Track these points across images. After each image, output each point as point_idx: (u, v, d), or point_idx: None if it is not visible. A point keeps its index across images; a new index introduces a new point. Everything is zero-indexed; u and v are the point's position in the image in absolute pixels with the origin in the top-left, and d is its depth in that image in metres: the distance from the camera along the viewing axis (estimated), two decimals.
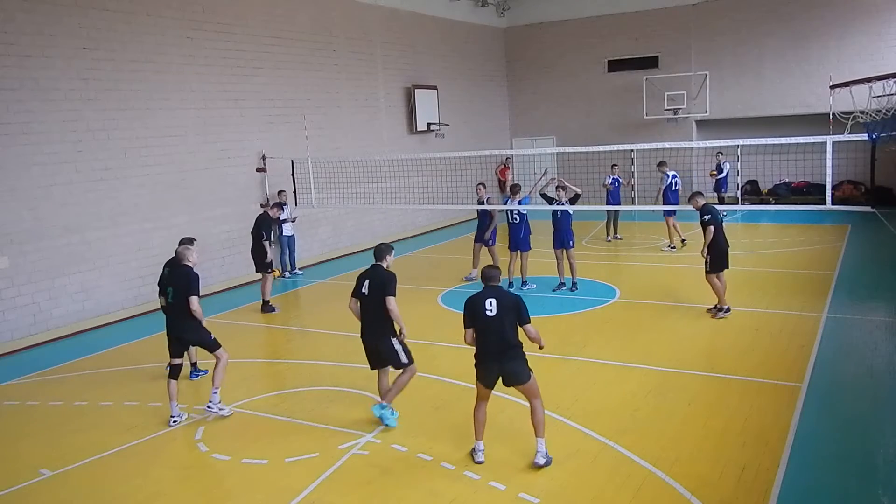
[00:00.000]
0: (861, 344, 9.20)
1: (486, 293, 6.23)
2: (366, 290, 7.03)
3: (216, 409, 7.75)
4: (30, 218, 11.09)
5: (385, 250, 7.22)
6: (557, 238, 12.23)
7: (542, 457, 6.20)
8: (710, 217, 10.26)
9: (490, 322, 6.12)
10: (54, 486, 6.51)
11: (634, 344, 9.50)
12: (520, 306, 6.15)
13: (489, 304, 6.13)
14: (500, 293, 6.22)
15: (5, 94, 10.73)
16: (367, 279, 7.06)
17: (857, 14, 19.89)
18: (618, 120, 22.88)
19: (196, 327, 7.71)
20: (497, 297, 6.17)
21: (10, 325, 10.91)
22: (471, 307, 6.24)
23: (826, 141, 10.23)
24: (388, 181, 16.63)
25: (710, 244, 10.24)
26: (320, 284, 14.51)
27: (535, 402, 6.23)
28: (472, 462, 6.35)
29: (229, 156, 14.44)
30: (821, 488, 5.77)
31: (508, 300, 6.17)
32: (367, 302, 7.03)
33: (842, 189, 19.80)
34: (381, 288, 6.93)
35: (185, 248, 7.78)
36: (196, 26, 13.61)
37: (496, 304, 6.11)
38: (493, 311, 6.10)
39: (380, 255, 7.18)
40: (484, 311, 6.13)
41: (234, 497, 6.11)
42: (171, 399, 7.68)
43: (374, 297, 6.97)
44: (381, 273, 7.05)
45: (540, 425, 6.22)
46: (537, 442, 6.23)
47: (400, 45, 19.44)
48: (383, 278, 6.98)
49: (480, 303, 6.18)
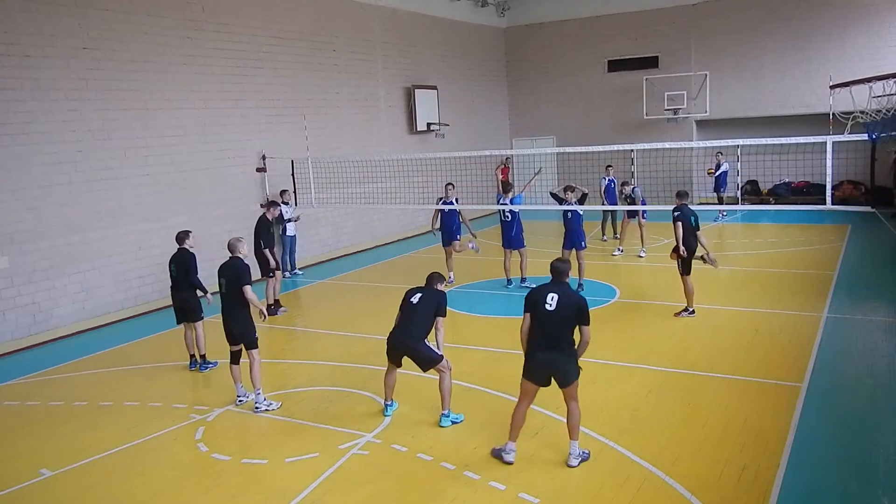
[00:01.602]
0: (861, 344, 9.20)
1: (550, 287, 6.25)
2: (416, 300, 7.28)
3: (264, 407, 7.80)
4: (30, 218, 11.09)
5: (438, 278, 7.55)
6: (568, 239, 12.25)
7: (574, 458, 6.21)
8: (680, 214, 10.41)
9: (548, 316, 6.11)
10: (54, 486, 6.51)
11: (634, 344, 9.50)
12: (582, 307, 6.15)
13: (550, 297, 6.14)
14: (564, 290, 6.22)
15: (5, 94, 10.73)
16: (419, 293, 7.37)
17: (857, 14, 19.89)
18: (618, 120, 22.88)
19: (243, 320, 7.90)
20: (560, 293, 6.17)
21: (10, 325, 10.91)
22: (532, 297, 6.28)
23: (826, 141, 10.23)
24: (388, 181, 16.64)
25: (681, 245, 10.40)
26: (320, 284, 14.52)
27: (573, 406, 6.21)
28: (501, 462, 6.32)
29: (229, 156, 14.44)
30: (821, 488, 5.77)
31: (571, 299, 6.19)
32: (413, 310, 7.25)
33: (842, 189, 19.80)
34: (434, 305, 7.24)
35: (237, 239, 8.09)
36: (196, 26, 13.61)
37: (557, 300, 6.12)
38: (552, 307, 6.11)
39: (433, 281, 7.51)
40: (544, 305, 6.14)
41: (234, 497, 6.10)
42: (235, 381, 8.06)
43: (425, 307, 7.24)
44: (437, 293, 7.39)
45: (575, 429, 6.23)
46: (571, 444, 6.24)
47: (400, 45, 19.45)
48: (439, 298, 7.34)
49: (542, 295, 6.20)
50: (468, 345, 9.60)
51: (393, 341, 7.27)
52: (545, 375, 6.22)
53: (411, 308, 7.26)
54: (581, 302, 6.19)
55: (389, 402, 7.55)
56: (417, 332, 7.14)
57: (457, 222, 13.13)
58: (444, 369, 7.16)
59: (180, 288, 9.38)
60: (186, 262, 9.30)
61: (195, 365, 9.42)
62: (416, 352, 7.14)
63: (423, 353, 7.14)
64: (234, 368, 8.10)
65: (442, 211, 13.19)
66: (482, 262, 15.07)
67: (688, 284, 10.55)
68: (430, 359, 7.14)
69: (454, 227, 13.13)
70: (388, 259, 16.77)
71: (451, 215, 13.10)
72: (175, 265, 9.38)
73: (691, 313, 10.54)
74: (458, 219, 13.11)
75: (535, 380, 6.25)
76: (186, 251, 9.38)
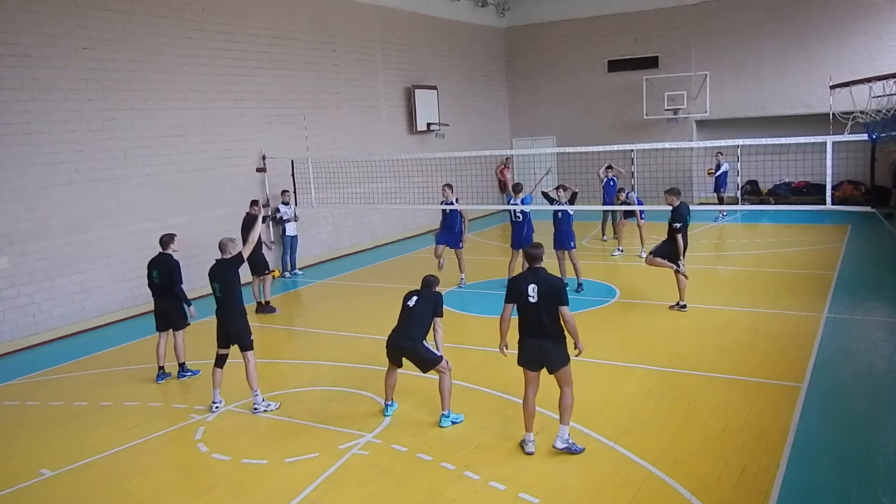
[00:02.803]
0: (861, 344, 9.20)
1: (528, 276, 6.36)
2: (412, 303, 7.33)
3: (262, 408, 7.78)
4: (30, 218, 11.09)
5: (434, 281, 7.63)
6: (557, 239, 12.22)
7: (561, 441, 6.30)
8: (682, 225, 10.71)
9: (533, 307, 6.25)
10: (54, 486, 6.51)
11: (634, 344, 9.50)
12: (559, 289, 6.27)
13: (531, 289, 6.25)
14: (541, 276, 6.33)
15: (5, 94, 10.73)
16: (415, 296, 7.40)
17: (857, 14, 19.89)
18: (618, 120, 22.87)
19: (241, 319, 7.87)
20: (538, 282, 6.27)
21: (10, 325, 10.91)
22: (513, 286, 6.39)
23: (826, 141, 10.22)
24: (388, 181, 16.64)
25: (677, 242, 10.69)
26: (320, 284, 14.52)
27: (566, 390, 6.35)
28: (523, 452, 6.40)
29: (229, 156, 14.44)
30: (821, 488, 5.77)
31: (550, 285, 6.29)
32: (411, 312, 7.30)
33: (842, 189, 19.78)
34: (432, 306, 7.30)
35: (229, 239, 8.01)
36: (196, 26, 13.61)
37: (537, 290, 6.24)
38: (534, 298, 6.23)
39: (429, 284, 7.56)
40: (527, 297, 6.26)
41: (234, 497, 6.11)
42: (215, 386, 7.96)
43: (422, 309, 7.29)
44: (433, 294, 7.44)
45: (566, 411, 6.33)
46: (560, 428, 6.33)
47: (400, 45, 19.44)
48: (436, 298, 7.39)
49: (523, 287, 6.30)
50: (468, 345, 9.60)
51: (392, 344, 7.29)
52: (536, 362, 6.37)
53: (409, 311, 7.31)
54: (558, 283, 6.34)
55: (390, 402, 7.56)
56: (415, 334, 7.17)
57: (459, 223, 13.11)
58: (444, 370, 7.17)
59: (163, 294, 8.94)
60: (171, 269, 8.85)
61: (164, 377, 9.00)
62: (416, 353, 7.16)
63: (422, 354, 7.15)
64: (217, 372, 7.95)
65: (443, 212, 13.19)
66: (482, 263, 15.08)
67: (680, 280, 10.68)
68: (429, 360, 7.16)
69: (457, 228, 13.12)
70: (388, 259, 16.77)
71: (452, 216, 13.11)
72: (157, 271, 8.89)
73: (682, 307, 10.67)
74: (459, 219, 13.09)
75: (529, 366, 6.41)
76: (170, 257, 8.94)
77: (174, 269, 8.90)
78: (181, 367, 9.15)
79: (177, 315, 9.00)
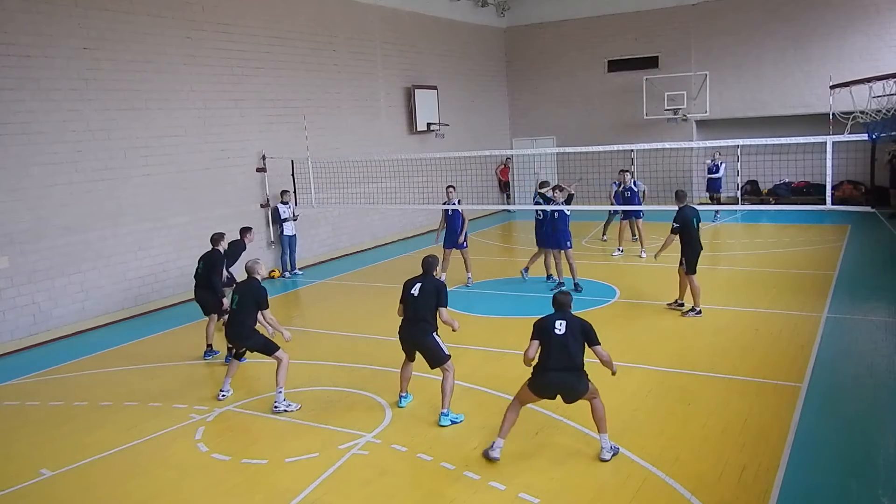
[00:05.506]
0: (861, 344, 9.20)
1: (556, 316, 6.38)
2: (416, 292, 7.31)
3: (283, 407, 7.79)
4: (30, 218, 11.08)
5: (434, 262, 7.65)
6: (554, 238, 12.22)
7: (606, 452, 6.29)
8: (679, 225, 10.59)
9: (560, 339, 6.23)
10: (54, 486, 6.51)
11: (634, 344, 9.50)
12: (588, 330, 6.31)
13: (559, 324, 6.27)
14: (569, 317, 6.36)
15: (5, 94, 10.72)
16: (418, 283, 7.39)
17: (857, 14, 19.88)
18: (618, 120, 22.87)
19: (254, 335, 8.02)
20: (567, 319, 6.32)
21: (10, 325, 10.91)
22: (540, 325, 6.39)
23: (826, 141, 10.22)
24: (388, 181, 16.64)
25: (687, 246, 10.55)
26: (320, 284, 14.52)
27: (595, 402, 6.35)
28: (486, 459, 6.34)
29: (229, 156, 14.44)
30: (821, 488, 5.77)
31: (577, 323, 6.32)
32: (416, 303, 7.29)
33: (842, 189, 19.79)
34: (434, 296, 7.29)
35: (255, 261, 8.23)
36: (196, 26, 13.61)
37: (566, 325, 6.26)
38: (561, 330, 6.24)
39: (429, 267, 7.57)
40: (553, 330, 6.25)
41: (234, 497, 6.11)
42: (228, 375, 8.35)
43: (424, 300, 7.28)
44: (435, 282, 7.44)
45: (601, 422, 6.34)
46: (601, 438, 6.34)
47: (400, 45, 19.44)
48: (438, 287, 7.38)
49: (550, 323, 6.31)
50: (468, 345, 9.59)
51: (403, 336, 7.43)
52: (553, 393, 6.34)
53: (413, 300, 7.35)
54: (587, 325, 6.36)
55: (404, 393, 7.70)
56: (424, 325, 7.27)
57: (460, 224, 13.12)
58: (449, 368, 7.25)
59: (202, 286, 9.80)
60: (213, 263, 9.71)
61: (210, 354, 9.84)
62: (425, 346, 7.27)
63: (431, 347, 7.25)
64: (233, 363, 8.44)
65: (445, 212, 13.20)
66: (482, 263, 15.07)
67: (694, 283, 10.52)
68: (437, 357, 7.25)
69: (458, 230, 13.13)
70: (388, 259, 16.76)
71: (454, 217, 13.13)
72: (203, 263, 9.82)
73: (698, 313, 10.51)
74: (461, 221, 13.11)
75: (542, 395, 6.37)
76: (217, 252, 9.80)
77: (216, 263, 9.77)
78: (208, 347, 9.87)
79: (212, 303, 9.80)
